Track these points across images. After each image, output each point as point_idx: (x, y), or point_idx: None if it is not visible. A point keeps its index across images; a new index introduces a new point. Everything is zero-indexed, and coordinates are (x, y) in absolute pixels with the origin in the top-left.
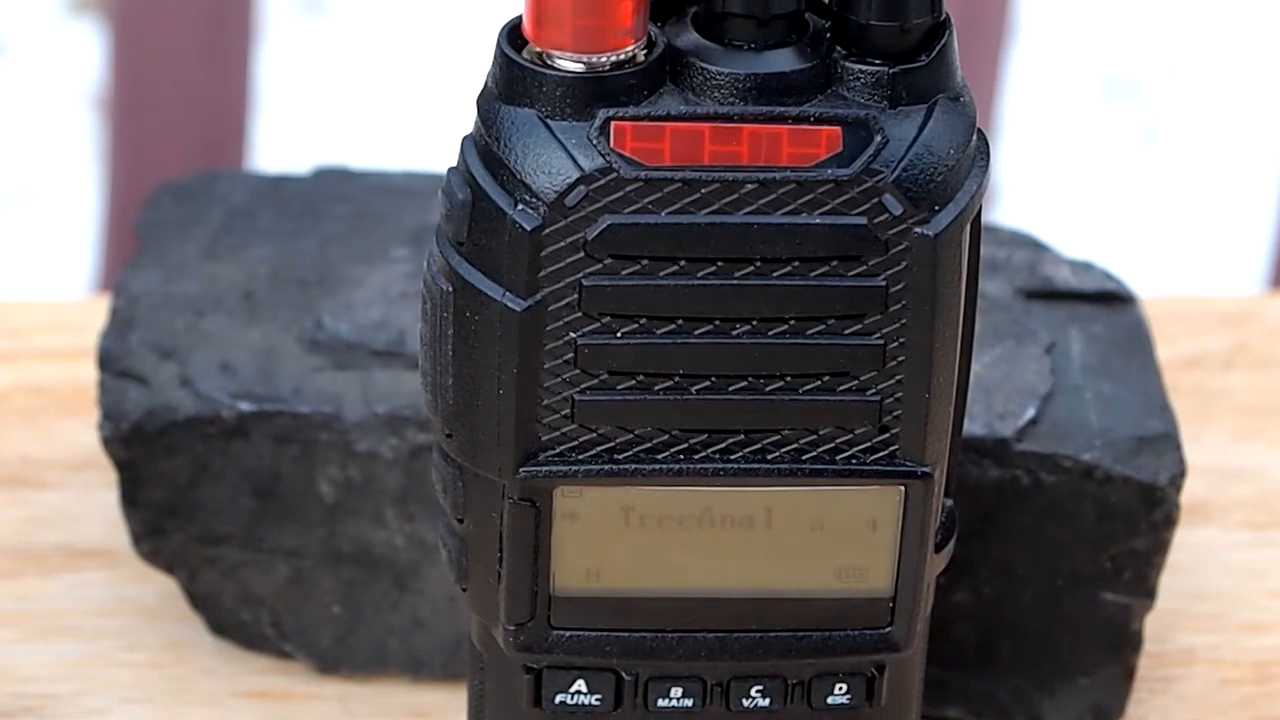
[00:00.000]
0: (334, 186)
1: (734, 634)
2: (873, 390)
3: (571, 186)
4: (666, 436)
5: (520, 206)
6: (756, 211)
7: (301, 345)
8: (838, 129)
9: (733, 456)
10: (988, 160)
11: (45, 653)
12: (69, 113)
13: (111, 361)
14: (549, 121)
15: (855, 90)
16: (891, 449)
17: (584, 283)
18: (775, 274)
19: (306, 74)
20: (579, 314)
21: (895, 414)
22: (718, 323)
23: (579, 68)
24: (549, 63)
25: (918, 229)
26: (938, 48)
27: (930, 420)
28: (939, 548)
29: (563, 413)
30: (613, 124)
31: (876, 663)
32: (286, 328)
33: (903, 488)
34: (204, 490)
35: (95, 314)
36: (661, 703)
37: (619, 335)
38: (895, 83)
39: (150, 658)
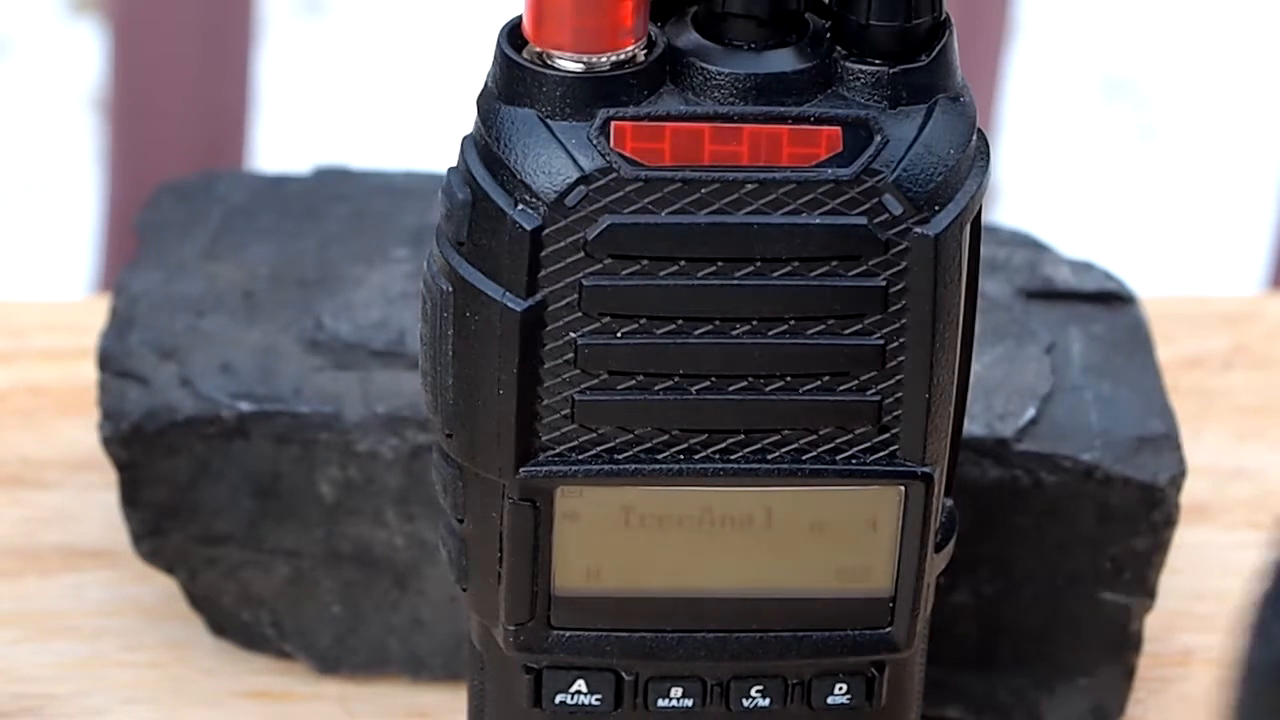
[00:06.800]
0: (334, 186)
1: (734, 634)
2: (873, 390)
3: (571, 186)
4: (666, 436)
5: (520, 206)
6: (756, 211)
7: (301, 345)
8: (838, 129)
9: (733, 456)
10: (988, 160)
11: (45, 653)
12: (69, 113)
13: (111, 361)
14: (549, 121)
15: (855, 90)
16: (891, 449)
17: (584, 283)
18: (775, 274)
19: (306, 74)
20: (579, 314)
21: (895, 414)
22: (718, 323)
23: (579, 68)
24: (549, 63)
25: (918, 229)
26: (938, 48)
27: (930, 420)
28: (939, 548)
29: (563, 413)
30: (613, 124)
31: (876, 663)
32: (286, 328)
33: (903, 488)
34: (204, 490)
35: (95, 314)
36: (661, 703)
37: (619, 335)
38: (895, 83)
39: (150, 658)
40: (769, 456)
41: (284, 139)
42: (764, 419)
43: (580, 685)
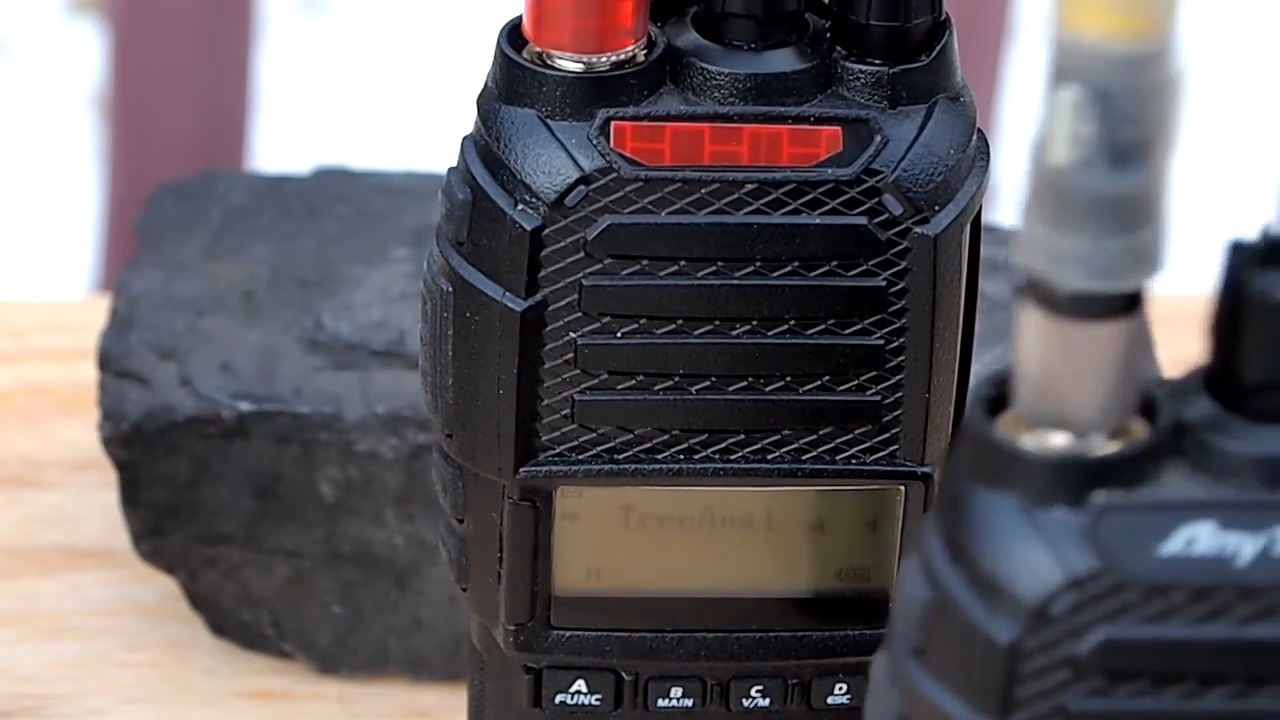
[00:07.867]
0: (334, 186)
1: (734, 634)
2: (873, 390)
3: (571, 186)
4: (666, 436)
5: (520, 206)
6: (756, 212)
7: (301, 345)
8: (838, 129)
9: (733, 456)
10: (988, 160)
11: (45, 653)
12: (69, 113)
13: (111, 361)
14: (549, 121)
15: (855, 90)
16: (891, 449)
17: (584, 283)
18: (775, 274)
19: (306, 74)
20: (579, 314)
21: (895, 414)
22: (718, 323)
23: (579, 68)
24: (549, 63)
25: (917, 229)
26: (938, 48)
27: (930, 420)
28: None
29: (563, 413)
30: (613, 124)
31: None
32: (286, 328)
33: (903, 488)
34: (204, 490)
35: (95, 314)
36: (661, 703)
37: (619, 335)
38: (895, 83)
39: (150, 658)
40: (769, 456)
41: (284, 139)
42: (764, 419)
43: (580, 685)
